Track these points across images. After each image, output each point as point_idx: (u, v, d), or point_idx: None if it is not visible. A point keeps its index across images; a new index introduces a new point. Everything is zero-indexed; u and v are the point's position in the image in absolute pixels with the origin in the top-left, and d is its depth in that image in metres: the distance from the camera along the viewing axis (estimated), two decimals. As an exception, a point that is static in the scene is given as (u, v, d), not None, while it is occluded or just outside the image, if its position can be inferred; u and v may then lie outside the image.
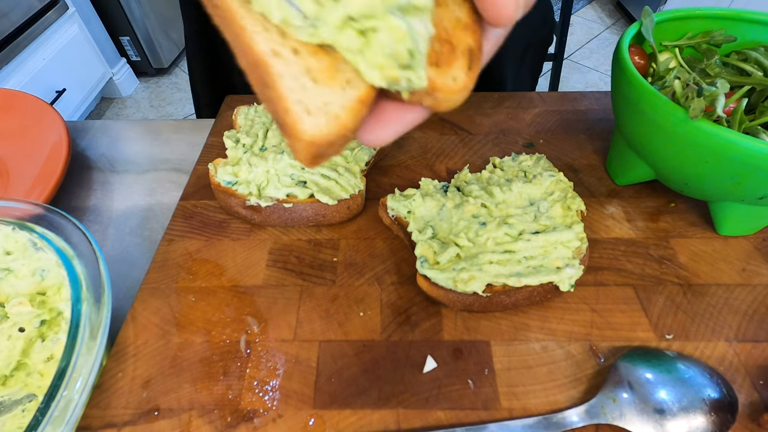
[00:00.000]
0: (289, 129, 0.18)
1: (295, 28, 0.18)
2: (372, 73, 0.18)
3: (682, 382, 0.31)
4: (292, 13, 0.17)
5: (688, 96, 0.33)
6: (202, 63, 0.71)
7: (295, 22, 0.18)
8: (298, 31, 0.18)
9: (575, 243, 0.37)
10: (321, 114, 0.18)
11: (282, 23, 0.18)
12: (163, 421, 0.31)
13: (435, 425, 0.31)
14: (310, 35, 0.18)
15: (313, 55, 0.18)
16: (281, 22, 0.18)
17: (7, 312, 0.35)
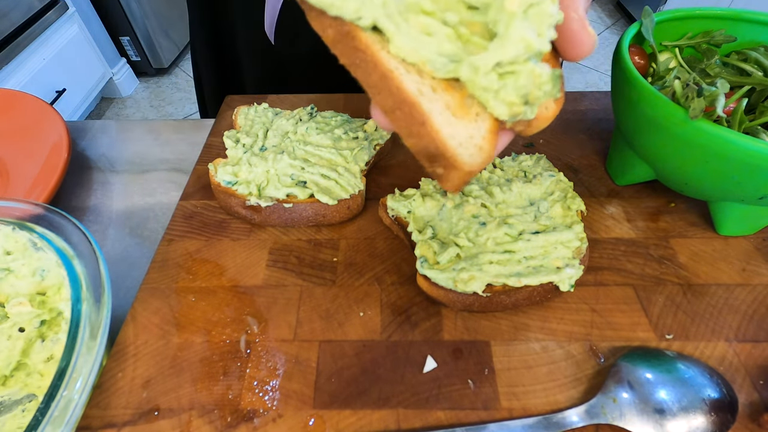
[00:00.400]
0: (448, 161, 0.19)
1: (434, 67, 0.19)
2: (501, 108, 0.19)
3: (682, 382, 0.31)
4: (433, 57, 0.19)
5: (688, 96, 0.33)
6: (208, 63, 0.71)
7: (436, 62, 0.19)
8: (437, 70, 0.19)
9: (575, 243, 0.37)
10: (471, 146, 0.20)
11: (422, 62, 0.19)
12: (163, 421, 0.31)
13: (435, 425, 0.31)
14: (448, 72, 0.19)
15: (447, 91, 0.20)
16: (422, 62, 0.19)
17: (7, 312, 0.35)
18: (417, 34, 0.19)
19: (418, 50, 0.19)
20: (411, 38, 0.18)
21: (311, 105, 0.53)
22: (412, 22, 0.18)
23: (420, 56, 0.19)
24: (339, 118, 0.51)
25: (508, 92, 0.19)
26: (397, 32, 0.18)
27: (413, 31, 0.18)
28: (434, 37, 0.19)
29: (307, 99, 0.59)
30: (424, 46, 0.19)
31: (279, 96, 0.59)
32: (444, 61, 0.19)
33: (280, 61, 0.64)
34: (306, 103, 0.58)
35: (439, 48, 0.19)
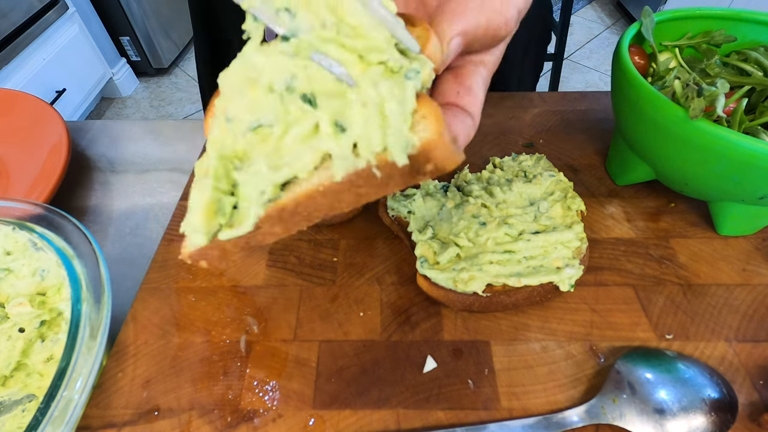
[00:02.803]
0: (427, 154, 0.19)
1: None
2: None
3: (682, 382, 0.31)
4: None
5: (688, 96, 0.33)
6: (209, 63, 0.72)
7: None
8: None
9: (575, 243, 0.37)
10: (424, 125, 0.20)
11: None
12: (163, 421, 0.31)
13: (435, 425, 0.31)
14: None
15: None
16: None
17: (7, 312, 0.35)
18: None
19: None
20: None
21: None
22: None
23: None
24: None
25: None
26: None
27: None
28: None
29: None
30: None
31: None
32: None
33: None
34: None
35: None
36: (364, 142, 0.19)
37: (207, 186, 0.20)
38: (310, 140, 0.19)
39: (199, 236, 0.21)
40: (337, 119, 0.19)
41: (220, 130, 0.21)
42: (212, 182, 0.20)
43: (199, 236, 0.21)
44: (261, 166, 0.20)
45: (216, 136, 0.21)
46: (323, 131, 0.19)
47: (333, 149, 0.19)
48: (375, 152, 0.18)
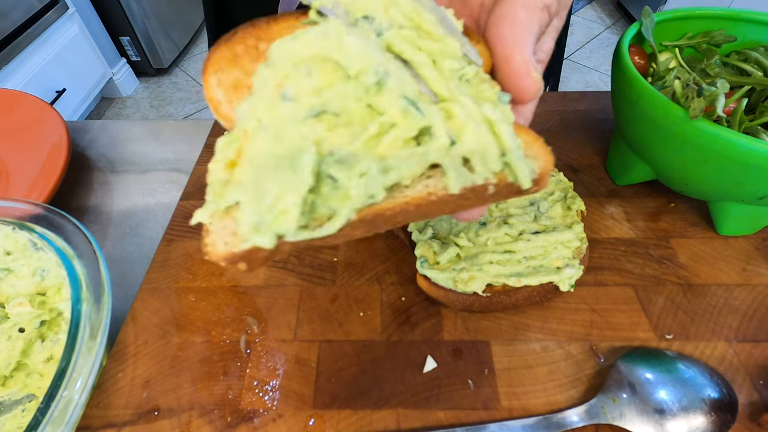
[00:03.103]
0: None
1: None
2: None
3: (682, 382, 0.31)
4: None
5: (688, 96, 0.33)
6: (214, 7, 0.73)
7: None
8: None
9: (575, 243, 0.37)
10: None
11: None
12: (163, 421, 0.31)
13: (435, 425, 0.31)
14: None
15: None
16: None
17: (7, 312, 0.35)
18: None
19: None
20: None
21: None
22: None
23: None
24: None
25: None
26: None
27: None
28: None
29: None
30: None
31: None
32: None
33: None
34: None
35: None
36: (479, 159, 0.19)
37: (299, 180, 0.18)
38: (410, 146, 0.19)
39: (266, 237, 0.18)
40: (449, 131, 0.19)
41: (268, 107, 0.19)
42: (306, 178, 0.18)
43: (267, 237, 0.18)
44: (371, 166, 0.18)
45: (260, 112, 0.19)
46: (437, 140, 0.19)
47: (444, 161, 0.19)
48: (494, 171, 0.19)
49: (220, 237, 0.20)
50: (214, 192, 0.19)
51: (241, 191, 0.19)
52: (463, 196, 0.19)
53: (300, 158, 0.18)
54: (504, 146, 0.19)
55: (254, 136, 0.19)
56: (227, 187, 0.19)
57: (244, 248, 0.19)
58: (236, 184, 0.19)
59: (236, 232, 0.20)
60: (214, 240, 0.20)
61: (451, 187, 0.19)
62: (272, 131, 0.18)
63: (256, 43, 0.21)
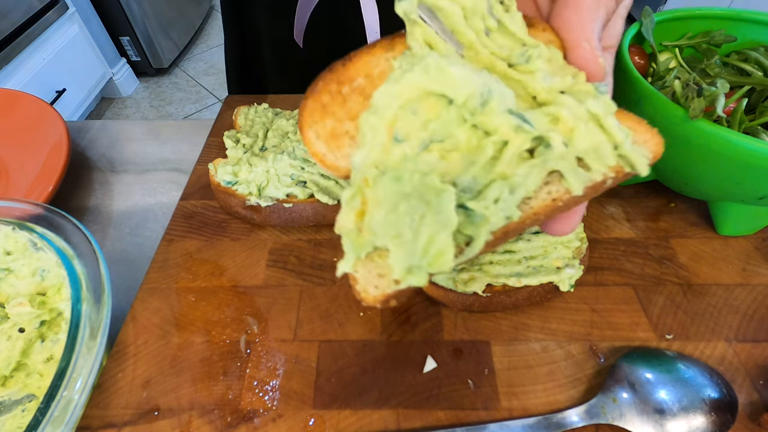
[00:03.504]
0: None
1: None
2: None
3: (682, 382, 0.31)
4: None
5: (688, 96, 0.33)
6: (238, 67, 0.74)
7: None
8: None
9: (575, 243, 0.37)
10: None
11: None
12: (163, 421, 0.31)
13: (435, 425, 0.31)
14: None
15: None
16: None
17: (7, 312, 0.35)
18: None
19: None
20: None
21: (311, 105, 0.53)
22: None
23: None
24: (339, 118, 0.50)
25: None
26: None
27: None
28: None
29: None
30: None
31: (279, 96, 0.59)
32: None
33: (304, 66, 0.66)
34: (306, 103, 0.58)
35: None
36: (594, 156, 0.19)
37: (445, 220, 0.18)
38: (525, 159, 0.19)
39: (421, 277, 0.19)
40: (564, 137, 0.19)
41: (383, 152, 0.19)
42: (451, 216, 0.18)
43: (422, 277, 0.19)
44: (502, 191, 0.19)
45: (377, 159, 0.19)
46: (554, 150, 0.19)
47: (562, 166, 0.19)
48: (610, 166, 0.19)
49: (369, 282, 0.20)
50: (353, 242, 0.20)
51: (382, 237, 0.19)
52: (584, 195, 0.20)
53: (441, 198, 0.18)
54: (615, 139, 0.19)
55: (377, 182, 0.19)
56: (363, 236, 0.20)
57: (398, 289, 0.20)
58: (372, 231, 0.19)
59: (382, 274, 0.20)
60: (364, 286, 0.20)
61: (574, 190, 0.19)
62: (392, 174, 0.19)
63: (338, 88, 0.22)
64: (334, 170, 0.22)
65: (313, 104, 0.22)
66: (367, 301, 0.20)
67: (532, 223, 0.20)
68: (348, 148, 0.22)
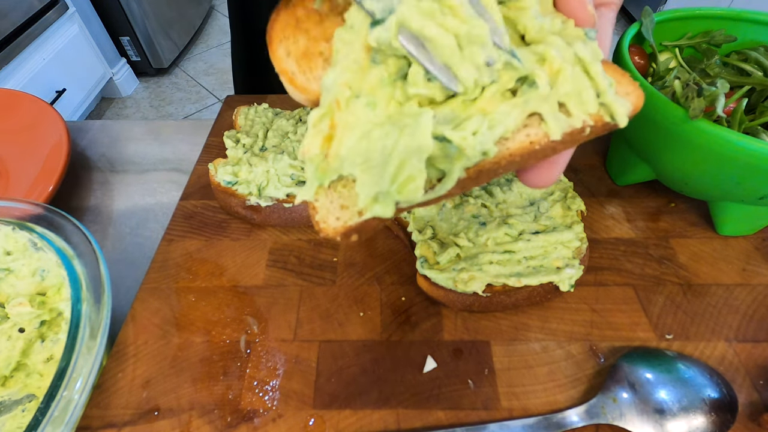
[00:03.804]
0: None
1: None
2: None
3: (682, 382, 0.31)
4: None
5: (688, 96, 0.33)
6: (244, 65, 0.75)
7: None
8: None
9: (575, 243, 0.37)
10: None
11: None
12: (163, 421, 0.31)
13: (435, 425, 0.31)
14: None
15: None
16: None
17: (7, 312, 0.35)
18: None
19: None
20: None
21: (311, 105, 0.53)
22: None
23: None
24: (339, 118, 0.50)
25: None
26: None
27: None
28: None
29: (307, 99, 0.59)
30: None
31: (279, 96, 0.59)
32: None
33: None
34: (306, 103, 0.58)
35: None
36: (576, 102, 0.19)
37: (420, 145, 0.17)
38: (507, 97, 0.19)
39: (387, 207, 0.18)
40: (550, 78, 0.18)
41: (359, 72, 0.18)
42: (427, 142, 0.17)
43: (388, 207, 0.18)
44: (481, 125, 0.18)
45: (351, 80, 0.18)
46: (539, 89, 0.18)
47: (543, 108, 0.19)
48: (590, 113, 0.19)
49: (330, 212, 0.19)
50: (317, 169, 0.19)
51: (350, 164, 0.18)
52: (562, 141, 0.19)
53: (418, 121, 0.17)
54: (599, 86, 0.19)
55: (349, 106, 0.18)
56: (329, 162, 0.18)
57: (361, 221, 0.19)
58: (338, 158, 0.18)
59: (345, 205, 0.19)
60: (324, 216, 0.19)
61: (552, 134, 0.19)
62: (368, 98, 0.18)
63: (315, 4, 0.20)
64: (302, 92, 0.20)
65: (286, 18, 0.20)
66: (326, 233, 0.19)
67: (507, 166, 0.20)
68: (321, 71, 0.20)
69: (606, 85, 0.19)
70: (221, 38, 2.69)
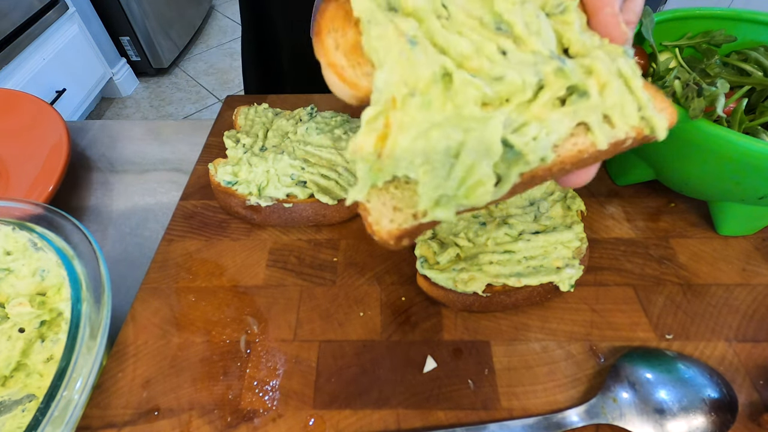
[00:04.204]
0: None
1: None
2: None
3: (682, 382, 0.31)
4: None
5: (688, 96, 0.33)
6: (254, 67, 0.75)
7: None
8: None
9: (575, 243, 0.37)
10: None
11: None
12: (163, 421, 0.31)
13: (435, 425, 0.31)
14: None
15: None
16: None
17: (7, 312, 0.35)
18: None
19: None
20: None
21: (311, 105, 0.53)
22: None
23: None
24: (339, 118, 0.51)
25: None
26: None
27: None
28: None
29: (307, 99, 0.59)
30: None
31: (279, 96, 0.59)
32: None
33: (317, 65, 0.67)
34: (306, 103, 0.58)
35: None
36: (619, 114, 0.19)
37: (488, 149, 0.17)
38: (556, 105, 0.19)
39: (449, 210, 0.18)
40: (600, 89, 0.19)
41: (408, 65, 0.18)
42: (496, 146, 0.17)
43: (450, 210, 0.18)
44: (540, 130, 0.18)
45: (405, 76, 0.18)
46: (590, 99, 0.19)
47: (591, 119, 0.19)
48: (632, 125, 0.20)
49: (383, 215, 0.19)
50: (370, 169, 0.18)
51: (407, 165, 0.17)
52: (606, 151, 0.20)
53: (486, 126, 0.17)
54: (640, 101, 0.20)
55: (405, 105, 0.17)
56: (382, 162, 0.18)
57: (416, 224, 0.18)
58: (393, 158, 0.17)
59: (398, 207, 0.18)
60: (377, 218, 0.19)
61: (599, 144, 0.19)
62: (422, 97, 0.17)
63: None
64: (352, 87, 0.19)
65: (337, 9, 0.20)
66: (379, 236, 0.18)
67: (557, 173, 0.20)
68: (369, 66, 0.19)
69: (646, 100, 0.20)
70: (221, 38, 2.69)
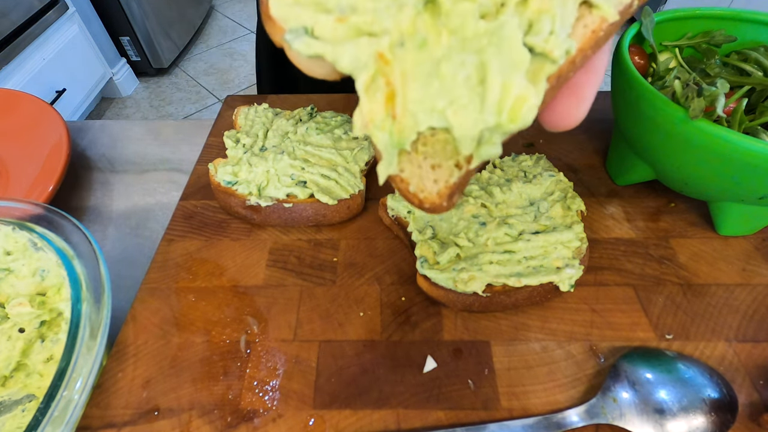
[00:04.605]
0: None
1: None
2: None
3: (682, 382, 0.31)
4: None
5: (688, 96, 0.33)
6: (269, 67, 0.76)
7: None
8: None
9: (575, 243, 0.37)
10: None
11: None
12: (163, 421, 0.31)
13: (435, 425, 0.31)
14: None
15: None
16: None
17: (7, 312, 0.35)
18: None
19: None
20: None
21: (311, 105, 0.53)
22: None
23: None
24: (339, 118, 0.51)
25: None
26: None
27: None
28: None
29: (307, 99, 0.59)
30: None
31: (279, 96, 0.59)
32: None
33: None
34: (306, 103, 0.58)
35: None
36: None
37: (514, 56, 0.15)
38: None
39: (496, 144, 0.16)
40: None
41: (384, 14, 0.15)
42: (521, 49, 0.15)
43: (496, 144, 0.16)
44: (553, 23, 0.16)
45: (380, 26, 0.15)
46: None
47: None
48: None
49: (424, 178, 0.16)
50: (391, 135, 0.16)
51: (429, 114, 0.15)
52: (617, 22, 0.18)
53: (501, 35, 0.15)
54: None
55: (396, 55, 0.15)
56: (401, 122, 0.16)
57: (463, 173, 0.16)
58: (411, 113, 0.15)
59: (437, 164, 0.16)
60: (419, 184, 0.16)
61: (610, 16, 0.17)
62: (413, 42, 0.15)
63: None
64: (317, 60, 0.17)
65: None
66: (430, 202, 0.16)
67: (580, 63, 0.17)
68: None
69: None
70: (221, 38, 2.69)
